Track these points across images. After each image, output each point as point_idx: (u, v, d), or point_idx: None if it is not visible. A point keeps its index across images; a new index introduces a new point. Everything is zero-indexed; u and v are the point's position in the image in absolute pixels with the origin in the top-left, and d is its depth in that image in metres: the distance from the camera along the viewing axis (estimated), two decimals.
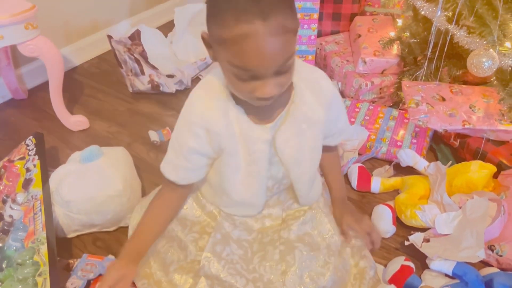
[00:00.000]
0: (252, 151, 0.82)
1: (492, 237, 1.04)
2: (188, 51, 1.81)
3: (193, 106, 0.80)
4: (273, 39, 0.63)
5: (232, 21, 0.62)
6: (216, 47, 0.69)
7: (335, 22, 1.87)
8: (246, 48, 0.63)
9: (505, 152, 1.24)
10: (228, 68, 0.68)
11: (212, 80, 0.80)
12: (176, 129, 0.83)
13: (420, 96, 1.34)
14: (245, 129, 0.80)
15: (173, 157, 0.85)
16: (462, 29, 1.25)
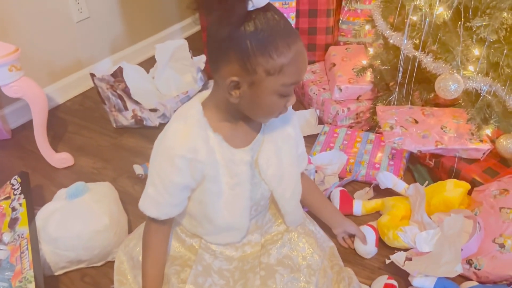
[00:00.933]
0: (235, 174, 0.85)
1: (470, 252, 1.08)
2: (170, 85, 1.86)
3: (174, 137, 0.80)
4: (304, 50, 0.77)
5: (286, 48, 0.73)
6: (260, 81, 0.75)
7: (310, 52, 1.95)
8: (300, 64, 0.76)
9: (477, 170, 1.30)
10: (275, 91, 0.76)
11: (187, 112, 0.83)
12: (156, 164, 0.83)
13: (394, 119, 1.40)
14: (226, 153, 0.84)
15: (154, 193, 0.84)
16: (429, 55, 1.32)
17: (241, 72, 0.74)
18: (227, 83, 0.76)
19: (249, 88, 0.76)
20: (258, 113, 0.81)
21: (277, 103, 0.79)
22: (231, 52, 0.73)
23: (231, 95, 0.78)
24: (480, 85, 1.24)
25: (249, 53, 0.72)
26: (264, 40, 0.71)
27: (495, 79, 1.23)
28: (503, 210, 1.09)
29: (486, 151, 1.31)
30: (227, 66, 0.75)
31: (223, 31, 0.72)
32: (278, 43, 0.72)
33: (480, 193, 1.19)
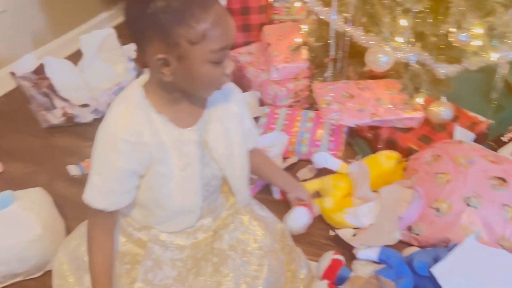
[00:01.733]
0: (184, 154, 0.83)
1: (410, 220, 1.12)
2: (101, 77, 1.77)
3: (115, 122, 0.77)
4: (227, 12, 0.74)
5: (203, 13, 0.70)
6: (186, 53, 0.72)
7: (246, 33, 1.91)
8: (224, 26, 0.72)
9: (412, 138, 1.33)
10: (206, 60, 0.73)
11: (128, 95, 0.80)
12: (99, 152, 0.79)
13: (331, 96, 1.41)
14: (173, 134, 0.81)
15: (100, 182, 0.80)
16: (359, 29, 1.33)
17: (165, 48, 0.71)
18: (154, 62, 0.73)
19: (178, 62, 0.73)
20: (197, 86, 0.78)
21: (213, 72, 0.75)
22: (148, 30, 0.71)
23: (164, 74, 0.75)
24: (409, 56, 1.26)
25: (166, 27, 0.70)
26: (178, 10, 0.69)
27: (422, 48, 1.26)
28: (437, 175, 1.13)
29: (419, 119, 1.34)
30: (150, 45, 0.72)
31: (135, 11, 0.71)
32: (193, 9, 0.69)
33: (416, 161, 1.22)
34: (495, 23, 1.13)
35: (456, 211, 1.06)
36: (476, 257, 0.95)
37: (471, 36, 1.13)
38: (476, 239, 1.03)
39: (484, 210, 1.04)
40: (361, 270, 1.07)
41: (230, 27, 0.74)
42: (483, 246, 0.97)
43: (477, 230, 1.04)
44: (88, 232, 0.88)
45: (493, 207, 1.04)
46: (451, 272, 0.94)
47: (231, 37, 0.74)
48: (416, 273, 0.99)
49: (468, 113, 1.41)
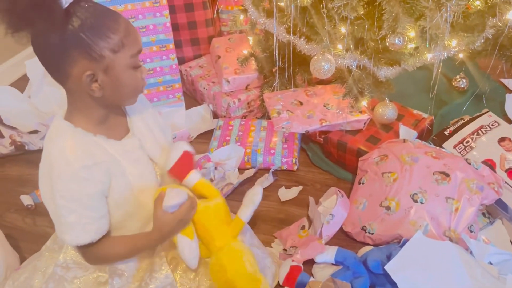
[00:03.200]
0: (135, 161, 0.88)
1: (342, 216, 1.19)
2: (50, 101, 1.72)
3: (64, 157, 0.79)
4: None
5: (116, 24, 0.77)
6: (111, 62, 0.77)
7: (195, 47, 1.92)
8: (133, 32, 0.80)
9: (361, 139, 1.38)
10: (128, 65, 0.80)
11: (57, 132, 0.82)
12: (62, 192, 0.80)
13: (280, 104, 1.44)
14: (117, 148, 0.86)
15: (76, 218, 0.81)
16: (301, 38, 1.37)
17: (90, 64, 0.76)
18: (83, 81, 0.76)
19: (105, 74, 0.78)
20: (125, 93, 0.84)
21: (135, 76, 0.83)
22: (71, 51, 0.74)
23: (93, 90, 0.79)
24: (350, 61, 1.31)
25: (89, 43, 0.74)
26: (95, 26, 0.74)
27: (362, 53, 1.31)
28: (385, 174, 1.18)
29: (366, 120, 1.39)
30: (74, 66, 0.75)
31: (54, 37, 0.73)
32: (106, 22, 0.76)
33: (365, 161, 1.27)
34: (426, 26, 1.19)
35: (405, 208, 1.11)
36: (424, 251, 0.99)
37: (405, 40, 1.19)
38: (425, 233, 1.08)
39: (430, 204, 1.10)
40: (320, 274, 1.10)
41: (137, 32, 0.82)
42: (429, 240, 1.02)
43: (425, 224, 1.09)
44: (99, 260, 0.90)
45: (438, 200, 1.10)
46: (403, 268, 0.98)
47: (140, 42, 0.83)
48: (371, 272, 1.03)
49: (412, 111, 1.48)
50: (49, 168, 0.81)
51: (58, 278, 0.93)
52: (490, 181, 1.13)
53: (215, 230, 0.95)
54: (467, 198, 1.08)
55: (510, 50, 1.37)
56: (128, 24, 0.80)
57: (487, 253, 1.05)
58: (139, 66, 0.83)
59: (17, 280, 0.97)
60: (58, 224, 0.84)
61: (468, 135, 1.30)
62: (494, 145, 1.25)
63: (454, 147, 1.31)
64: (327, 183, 1.40)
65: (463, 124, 1.34)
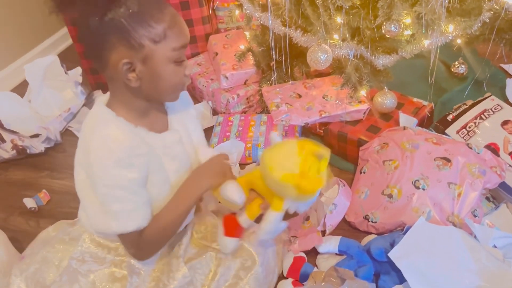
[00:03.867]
0: (174, 157, 0.87)
1: (344, 206, 1.18)
2: (50, 105, 1.74)
3: (106, 147, 0.77)
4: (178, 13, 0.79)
5: (160, 14, 0.74)
6: (150, 53, 0.75)
7: (192, 45, 1.92)
8: (180, 24, 0.77)
9: (361, 129, 1.37)
10: (169, 58, 0.77)
11: (99, 119, 0.81)
12: (106, 181, 0.78)
13: (279, 98, 1.44)
14: (157, 142, 0.84)
15: (121, 206, 0.79)
16: (297, 30, 1.37)
17: (129, 52, 0.74)
18: (120, 69, 0.75)
19: (143, 65, 0.76)
20: (164, 88, 0.81)
21: (176, 71, 0.79)
22: (110, 37, 0.73)
23: (130, 80, 0.77)
24: (347, 51, 1.30)
25: (129, 30, 0.72)
26: (137, 13, 0.72)
27: (359, 42, 1.30)
28: (386, 162, 1.17)
29: (365, 110, 1.39)
30: (112, 53, 0.74)
31: (94, 20, 0.72)
32: (151, 11, 0.73)
33: (365, 151, 1.26)
34: (422, 12, 1.18)
35: (407, 195, 1.10)
36: (427, 236, 0.99)
37: (401, 26, 1.18)
38: (428, 219, 1.07)
39: (432, 190, 1.09)
40: (324, 264, 1.10)
41: (184, 26, 0.79)
42: (432, 225, 1.01)
43: (428, 210, 1.08)
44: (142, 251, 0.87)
45: (440, 186, 1.09)
46: (407, 255, 0.97)
47: (187, 35, 0.79)
48: (375, 260, 1.03)
49: (412, 99, 1.47)
50: (88, 156, 0.79)
51: (72, 271, 0.91)
52: (492, 165, 1.12)
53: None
54: (470, 183, 1.08)
55: (508, 33, 1.36)
56: (175, 16, 0.77)
57: (491, 237, 1.04)
58: (182, 60, 0.79)
59: (25, 271, 0.94)
60: (100, 215, 0.82)
61: (471, 120, 1.29)
62: (497, 128, 1.24)
63: (457, 133, 1.30)
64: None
65: (466, 109, 1.33)
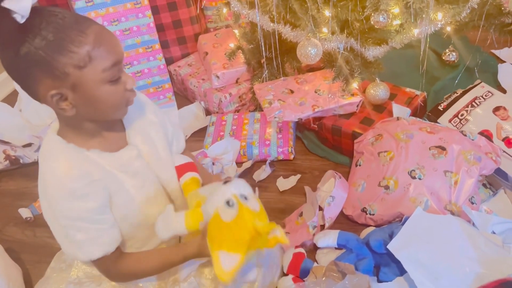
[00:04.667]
0: (134, 173, 0.83)
1: (342, 198, 1.18)
2: (41, 114, 1.72)
3: (58, 179, 0.75)
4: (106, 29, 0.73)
5: (81, 36, 0.68)
6: (78, 80, 0.69)
7: (182, 46, 1.91)
8: (106, 42, 0.71)
9: (355, 122, 1.37)
10: (101, 80, 0.71)
11: (49, 150, 0.78)
12: (64, 213, 0.76)
13: (271, 94, 1.43)
14: (113, 161, 0.81)
15: (84, 235, 0.77)
16: (286, 25, 1.36)
17: (54, 82, 0.69)
18: (50, 101, 0.71)
19: (74, 92, 0.71)
20: (104, 110, 0.76)
21: (114, 91, 0.74)
22: (31, 70, 0.68)
23: (64, 109, 0.73)
24: (337, 44, 1.29)
25: (49, 61, 0.67)
26: (55, 40, 0.67)
27: (348, 35, 1.29)
28: (381, 154, 1.17)
29: (358, 102, 1.38)
30: (39, 85, 0.70)
31: (10, 55, 0.67)
32: (70, 35, 0.68)
33: (360, 143, 1.25)
34: (410, 1, 1.17)
35: (404, 185, 1.09)
36: (425, 226, 0.98)
37: (389, 16, 1.18)
38: (426, 209, 1.07)
39: (429, 179, 1.08)
40: (324, 259, 1.09)
41: (114, 42, 0.73)
42: (430, 214, 1.01)
43: (425, 199, 1.08)
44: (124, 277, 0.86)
45: (436, 175, 1.08)
46: (406, 245, 0.97)
47: (118, 52, 0.73)
48: (375, 252, 1.02)
49: (405, 89, 1.46)
50: (44, 189, 0.77)
51: None
52: (487, 150, 1.11)
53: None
54: (466, 170, 1.07)
55: (497, 18, 1.36)
56: (101, 33, 0.70)
57: (490, 223, 1.04)
58: (117, 78, 0.73)
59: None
60: (67, 243, 0.80)
61: (462, 108, 1.29)
62: (489, 115, 1.23)
63: (450, 121, 1.29)
64: (325, 169, 1.39)
65: (457, 98, 1.32)
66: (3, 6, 0.62)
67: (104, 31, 0.72)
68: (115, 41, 0.73)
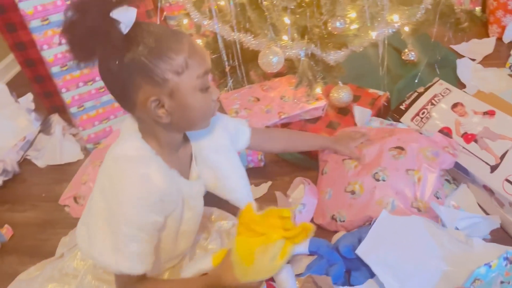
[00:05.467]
0: (191, 207, 0.86)
1: (313, 204, 1.20)
2: (5, 136, 1.68)
3: (147, 186, 0.75)
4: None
5: (179, 44, 0.73)
6: (176, 86, 0.74)
7: None
8: (199, 51, 0.76)
9: (321, 126, 1.38)
10: (195, 87, 0.76)
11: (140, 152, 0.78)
12: (131, 218, 0.75)
13: (237, 104, 1.43)
14: (185, 188, 0.83)
15: (138, 249, 0.77)
16: (247, 34, 1.36)
17: (154, 89, 0.73)
18: (149, 108, 0.74)
19: (171, 99, 0.75)
20: (195, 117, 0.79)
21: (204, 98, 0.78)
22: (133, 77, 0.71)
23: (161, 117, 0.76)
24: (298, 51, 1.30)
25: (150, 67, 0.71)
26: (156, 48, 0.72)
27: (309, 41, 1.31)
28: (345, 161, 1.18)
29: (323, 107, 1.40)
30: (139, 93, 0.73)
31: (114, 64, 0.70)
32: (168, 43, 0.72)
33: (324, 152, 1.26)
34: (365, 5, 1.19)
35: (369, 189, 1.11)
36: (391, 229, 1.00)
37: (346, 22, 1.19)
38: (393, 209, 1.09)
39: (392, 180, 1.10)
40: (297, 266, 1.09)
41: (204, 52, 0.78)
42: (395, 217, 1.02)
43: (391, 200, 1.09)
44: None
45: (399, 175, 1.10)
46: (374, 249, 0.98)
47: (208, 61, 0.79)
48: (345, 257, 1.03)
49: (368, 90, 1.48)
50: (116, 191, 0.76)
51: None
52: (444, 145, 1.14)
53: None
54: (426, 166, 1.09)
55: (450, 16, 1.39)
56: (194, 44, 0.76)
57: (457, 218, 1.06)
58: (208, 87, 0.78)
59: None
60: (113, 250, 0.77)
61: (423, 107, 1.31)
62: (448, 112, 1.26)
63: (412, 120, 1.32)
64: (296, 174, 1.39)
65: (417, 97, 1.35)
66: (112, 16, 0.66)
67: (195, 42, 0.77)
68: (205, 52, 0.80)
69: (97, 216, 0.80)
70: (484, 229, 1.08)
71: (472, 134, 1.17)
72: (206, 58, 0.78)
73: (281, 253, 0.77)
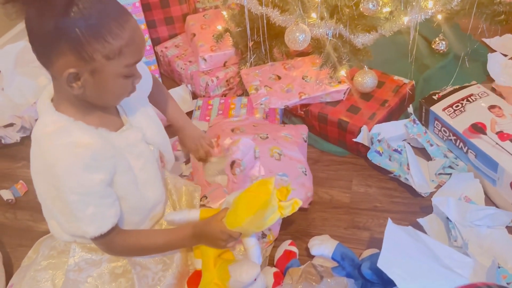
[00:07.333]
0: (138, 155, 0.86)
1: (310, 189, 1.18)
2: (25, 93, 1.69)
3: (74, 152, 0.75)
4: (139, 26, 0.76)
5: (120, 29, 0.70)
6: (100, 67, 0.71)
7: (169, 26, 1.87)
8: (138, 41, 0.74)
9: (342, 110, 1.35)
10: (119, 74, 0.74)
11: (58, 125, 0.77)
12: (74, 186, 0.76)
13: (258, 80, 1.41)
14: (121, 141, 0.83)
15: (94, 209, 0.78)
16: (275, 9, 1.32)
17: (78, 62, 0.70)
18: (64, 76, 0.71)
19: (91, 76, 0.73)
20: (107, 98, 0.79)
21: (124, 84, 0.78)
22: (61, 43, 0.69)
23: (73, 88, 0.73)
24: (326, 30, 1.27)
25: (82, 41, 0.68)
26: (95, 25, 0.68)
27: (337, 21, 1.27)
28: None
29: (345, 90, 1.36)
30: (60, 58, 0.70)
31: (48, 23, 0.67)
32: (110, 25, 0.69)
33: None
34: None
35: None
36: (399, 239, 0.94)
37: (379, 4, 1.15)
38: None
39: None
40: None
41: (142, 41, 0.76)
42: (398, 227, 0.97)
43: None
44: (125, 250, 0.88)
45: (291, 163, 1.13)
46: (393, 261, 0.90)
47: (142, 52, 0.77)
48: (365, 279, 0.96)
49: (393, 77, 1.45)
50: (50, 168, 0.75)
51: (71, 283, 0.87)
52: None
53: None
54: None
55: (488, 7, 1.34)
56: (135, 31, 0.73)
57: (469, 210, 1.07)
58: (131, 75, 0.77)
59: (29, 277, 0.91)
60: (74, 220, 0.79)
61: (457, 101, 1.29)
62: (485, 110, 1.25)
63: (443, 110, 1.28)
64: (311, 156, 1.38)
65: (453, 91, 1.33)
66: None
67: (138, 29, 0.74)
68: (143, 42, 0.76)
69: (48, 199, 0.82)
70: (503, 219, 1.07)
71: (508, 133, 1.16)
72: (142, 49, 0.76)
73: (271, 218, 0.87)
